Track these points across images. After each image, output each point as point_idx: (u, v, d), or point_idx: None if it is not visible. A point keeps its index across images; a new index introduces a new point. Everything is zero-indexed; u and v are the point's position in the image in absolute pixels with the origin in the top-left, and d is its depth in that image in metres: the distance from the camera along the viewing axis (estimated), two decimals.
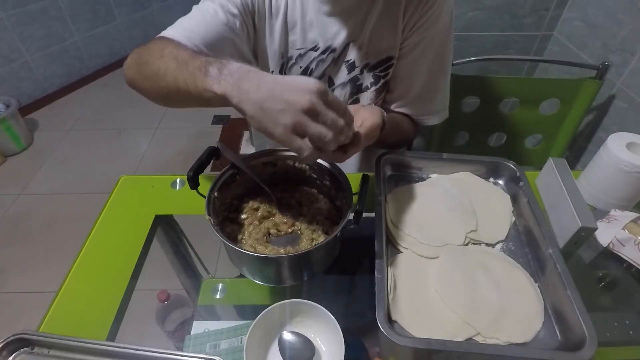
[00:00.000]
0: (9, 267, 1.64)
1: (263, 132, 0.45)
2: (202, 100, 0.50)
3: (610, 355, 0.56)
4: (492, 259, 0.61)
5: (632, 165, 0.68)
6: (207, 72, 0.48)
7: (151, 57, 0.57)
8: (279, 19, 0.72)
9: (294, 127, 0.43)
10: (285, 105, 0.43)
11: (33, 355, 0.51)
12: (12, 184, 2.01)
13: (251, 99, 0.44)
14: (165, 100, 0.59)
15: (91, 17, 2.64)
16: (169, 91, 0.54)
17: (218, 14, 0.66)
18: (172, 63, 0.53)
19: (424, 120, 0.82)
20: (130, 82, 0.62)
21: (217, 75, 0.47)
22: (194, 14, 0.68)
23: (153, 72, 0.55)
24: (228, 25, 0.67)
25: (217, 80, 0.47)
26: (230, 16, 0.67)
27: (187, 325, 0.60)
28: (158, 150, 2.24)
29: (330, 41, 0.73)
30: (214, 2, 0.67)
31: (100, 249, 0.70)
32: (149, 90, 0.59)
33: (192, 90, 0.50)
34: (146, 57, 0.58)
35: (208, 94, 0.48)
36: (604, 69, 1.10)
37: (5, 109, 2.09)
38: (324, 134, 0.43)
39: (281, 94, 0.43)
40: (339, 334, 0.50)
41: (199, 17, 0.66)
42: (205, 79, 0.48)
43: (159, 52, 0.56)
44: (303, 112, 0.43)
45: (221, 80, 0.47)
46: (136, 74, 0.60)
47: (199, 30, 0.64)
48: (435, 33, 0.72)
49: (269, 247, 0.61)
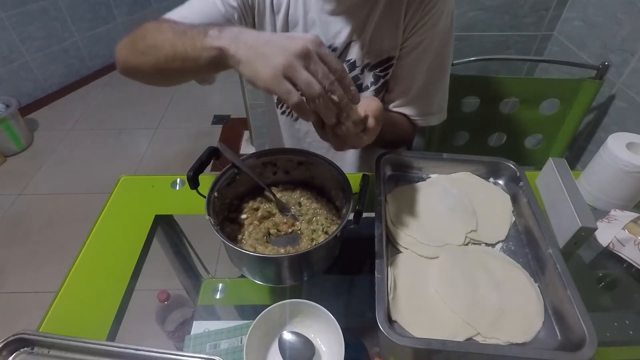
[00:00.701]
0: (9, 267, 1.64)
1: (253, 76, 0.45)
2: (198, 64, 0.50)
3: (610, 355, 0.56)
4: (492, 259, 0.61)
5: (632, 165, 0.68)
6: (206, 34, 0.49)
7: (148, 32, 0.57)
8: (280, 16, 0.72)
9: (284, 68, 0.43)
10: (279, 49, 0.43)
11: (33, 355, 0.51)
12: (12, 184, 2.01)
13: (248, 44, 0.46)
14: (160, 73, 0.58)
15: (91, 17, 2.64)
16: (166, 60, 0.53)
17: (216, 4, 0.67)
18: (169, 34, 0.53)
19: (421, 121, 0.82)
20: (124, 64, 0.62)
21: (216, 35, 0.48)
22: (192, 2, 0.68)
23: (150, 45, 0.55)
24: (225, 17, 0.67)
25: (216, 38, 0.48)
26: (229, 8, 0.68)
27: (187, 325, 0.60)
28: (158, 150, 2.25)
29: (332, 40, 0.73)
30: None
31: (100, 249, 0.70)
32: (143, 64, 0.58)
33: (190, 53, 0.50)
34: (142, 33, 0.58)
35: (206, 53, 0.48)
36: (604, 69, 1.10)
37: (5, 109, 2.09)
38: (313, 83, 0.43)
39: (278, 40, 0.45)
40: (339, 334, 0.50)
41: (197, 6, 0.67)
42: (205, 39, 0.48)
43: (156, 28, 0.56)
44: (295, 56, 0.43)
45: (221, 37, 0.48)
46: (130, 53, 0.60)
47: (196, 19, 0.64)
48: (435, 34, 0.72)
49: (269, 247, 0.61)
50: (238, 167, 0.64)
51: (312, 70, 0.44)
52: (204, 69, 0.51)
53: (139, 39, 0.58)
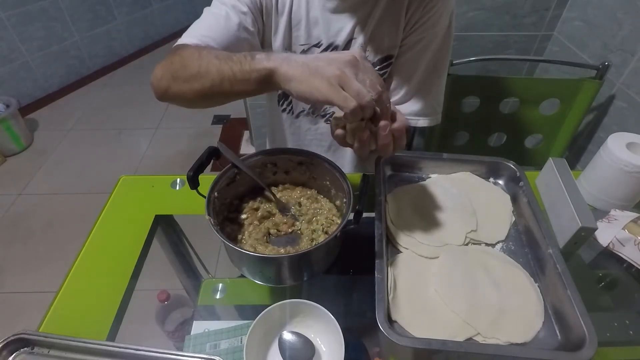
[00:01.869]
0: (9, 267, 1.64)
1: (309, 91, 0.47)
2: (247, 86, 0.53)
3: (610, 355, 0.56)
4: (492, 259, 0.61)
5: (632, 165, 0.68)
6: (253, 57, 0.52)
7: (187, 60, 0.58)
8: (284, 15, 0.73)
9: (339, 78, 0.46)
10: (330, 61, 0.47)
11: (33, 355, 0.51)
12: (12, 184, 2.01)
13: (299, 62, 0.49)
14: (205, 97, 0.60)
15: (91, 17, 2.64)
16: (212, 84, 0.56)
17: (230, 16, 0.67)
18: (213, 60, 0.55)
19: (412, 122, 0.80)
20: (165, 92, 0.62)
21: (265, 57, 0.51)
22: (206, 18, 0.68)
23: (193, 73, 0.57)
24: (242, 26, 0.68)
25: (265, 60, 0.51)
26: (242, 15, 0.68)
27: (187, 325, 0.60)
28: (158, 150, 2.25)
29: (333, 38, 0.74)
30: (225, 4, 0.68)
31: (100, 249, 0.70)
32: (187, 92, 0.60)
33: (239, 76, 0.52)
34: (181, 62, 0.59)
35: (255, 74, 0.51)
36: (604, 69, 1.10)
37: (5, 109, 2.09)
38: (363, 92, 0.46)
39: (326, 55, 0.49)
40: (339, 334, 0.50)
41: (213, 22, 0.67)
42: (252, 62, 0.51)
43: (195, 55, 0.58)
44: (346, 65, 0.47)
45: (270, 59, 0.51)
46: (172, 81, 0.61)
47: (215, 35, 0.65)
48: (434, 34, 0.72)
49: (269, 247, 0.61)
50: (238, 167, 0.64)
51: (360, 79, 0.47)
52: (252, 90, 0.54)
53: (179, 69, 0.59)
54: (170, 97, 0.63)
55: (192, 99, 0.61)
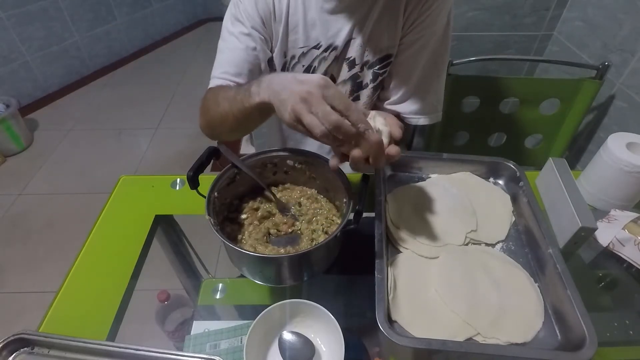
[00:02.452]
0: (9, 267, 1.63)
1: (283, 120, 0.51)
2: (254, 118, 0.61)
3: (610, 355, 0.56)
4: (492, 259, 0.61)
5: (632, 165, 0.68)
6: (249, 93, 0.57)
7: (211, 110, 0.70)
8: (282, 21, 0.73)
9: (294, 113, 0.49)
10: (289, 94, 0.50)
11: (33, 355, 0.51)
12: (12, 184, 2.01)
13: (275, 91, 0.53)
14: (237, 131, 0.73)
15: (91, 17, 2.64)
16: (233, 124, 0.65)
17: (237, 45, 0.74)
18: (225, 104, 0.64)
19: (413, 120, 0.80)
20: (212, 136, 0.77)
21: (256, 90, 0.56)
22: (220, 54, 0.76)
23: (218, 120, 0.68)
24: (249, 48, 0.74)
25: (257, 94, 0.56)
26: (246, 37, 0.73)
27: (187, 325, 0.60)
28: (158, 150, 2.24)
29: (332, 39, 0.74)
30: (233, 34, 0.74)
31: (100, 249, 0.70)
32: (224, 133, 0.73)
33: (245, 112, 0.60)
34: (209, 113, 0.71)
35: (255, 110, 0.58)
36: (604, 69, 1.10)
37: (5, 109, 2.09)
38: (315, 125, 0.47)
39: (290, 85, 0.50)
40: (339, 334, 0.50)
41: (226, 56, 0.75)
42: (250, 99, 0.57)
43: (214, 104, 0.68)
44: (300, 101, 0.48)
45: (260, 92, 0.56)
46: (211, 129, 0.74)
47: (230, 69, 0.74)
48: (432, 33, 0.72)
49: (269, 247, 0.61)
50: (238, 167, 0.64)
51: (314, 112, 0.48)
52: (260, 119, 0.63)
53: (209, 118, 0.71)
54: (217, 138, 0.77)
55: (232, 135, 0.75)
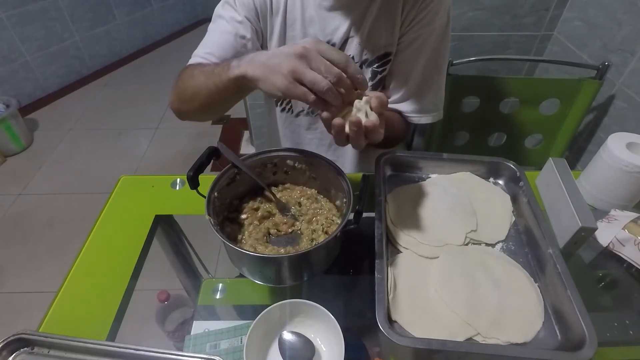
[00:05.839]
0: (9, 267, 1.63)
1: (272, 89, 0.49)
2: (229, 93, 0.58)
3: (610, 355, 0.56)
4: (492, 259, 0.61)
5: (632, 165, 0.68)
6: (229, 67, 0.55)
7: (185, 83, 0.66)
8: (279, 16, 0.73)
9: (292, 73, 0.47)
10: (283, 57, 0.48)
11: (33, 355, 0.51)
12: (12, 184, 2.01)
13: (260, 62, 0.51)
14: (206, 110, 0.68)
15: (91, 17, 2.64)
16: (206, 100, 0.62)
17: (227, 29, 0.72)
18: (201, 77, 0.62)
19: (415, 119, 0.81)
20: (179, 113, 0.72)
21: (237, 64, 0.54)
22: (208, 35, 0.74)
23: (190, 93, 0.65)
24: (238, 35, 0.72)
25: (236, 67, 0.54)
26: (238, 24, 0.72)
27: (187, 325, 0.60)
28: (158, 150, 2.24)
29: (330, 36, 0.74)
30: (224, 18, 0.72)
31: (100, 249, 0.70)
32: (192, 109, 0.68)
33: (221, 87, 0.57)
34: (182, 86, 0.67)
35: (232, 83, 0.55)
36: (604, 69, 1.10)
37: (5, 109, 2.09)
38: (319, 80, 0.46)
39: (280, 51, 0.50)
40: (339, 334, 0.50)
41: (213, 37, 0.73)
42: (228, 72, 0.55)
43: (190, 76, 0.65)
44: (297, 58, 0.47)
45: (240, 65, 0.54)
46: (180, 103, 0.70)
47: (215, 50, 0.71)
48: (431, 31, 0.72)
49: (269, 247, 0.61)
50: (238, 167, 0.64)
51: (314, 67, 0.47)
52: (236, 95, 0.61)
53: (181, 91, 0.68)
54: (184, 116, 0.72)
55: (199, 114, 0.70)
